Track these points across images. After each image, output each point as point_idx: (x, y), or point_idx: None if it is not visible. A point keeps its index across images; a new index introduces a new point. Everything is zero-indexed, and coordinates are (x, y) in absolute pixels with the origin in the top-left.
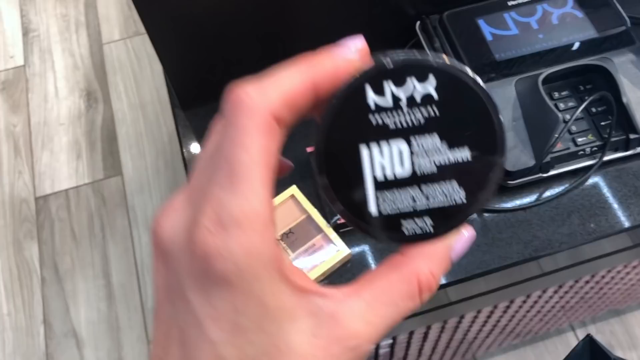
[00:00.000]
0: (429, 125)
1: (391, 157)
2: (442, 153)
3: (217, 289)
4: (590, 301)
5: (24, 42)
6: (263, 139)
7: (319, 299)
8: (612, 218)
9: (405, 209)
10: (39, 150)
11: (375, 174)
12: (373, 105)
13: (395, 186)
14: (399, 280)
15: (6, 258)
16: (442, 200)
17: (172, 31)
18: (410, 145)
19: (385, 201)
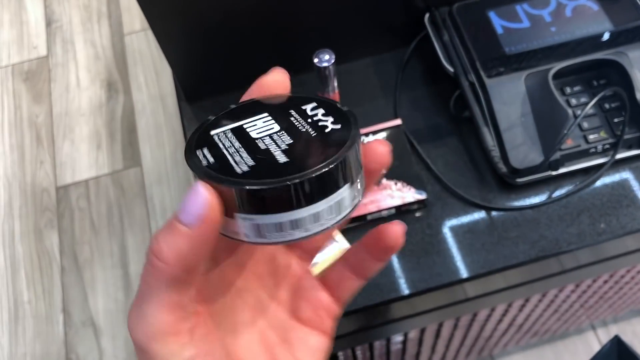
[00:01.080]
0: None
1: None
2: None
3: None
4: (610, 301)
5: (47, 32)
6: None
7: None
8: (623, 218)
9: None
10: (60, 140)
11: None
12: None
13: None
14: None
15: (27, 246)
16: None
17: (175, 24)
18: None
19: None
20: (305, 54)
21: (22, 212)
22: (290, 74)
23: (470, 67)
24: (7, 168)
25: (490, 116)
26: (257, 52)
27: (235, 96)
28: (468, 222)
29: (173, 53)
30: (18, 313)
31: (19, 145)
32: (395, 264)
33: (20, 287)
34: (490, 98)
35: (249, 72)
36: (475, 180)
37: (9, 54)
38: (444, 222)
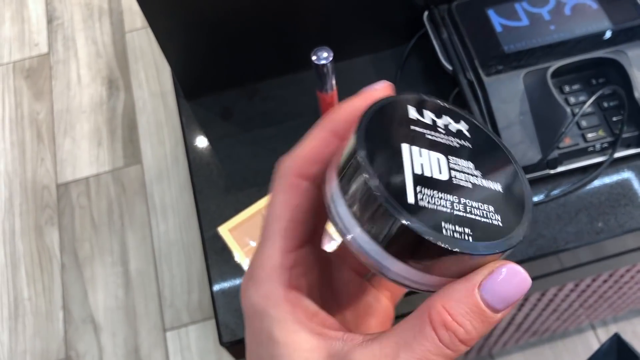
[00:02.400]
0: (463, 152)
1: (430, 160)
2: (477, 177)
3: (247, 322)
4: (610, 300)
5: (49, 29)
6: (284, 196)
7: (339, 343)
8: (621, 217)
9: (443, 209)
10: (61, 138)
11: (414, 168)
12: (414, 117)
13: (435, 186)
14: (412, 319)
15: (28, 243)
16: (479, 215)
17: (174, 22)
18: (448, 159)
19: (423, 194)
20: (304, 51)
21: (23, 209)
22: (289, 72)
23: (469, 65)
24: (7, 165)
25: (489, 114)
26: (256, 50)
27: (234, 93)
28: None
29: (172, 50)
30: (18, 310)
31: (19, 142)
32: None
33: (20, 284)
34: (488, 96)
35: (247, 70)
36: None
37: (10, 51)
38: None
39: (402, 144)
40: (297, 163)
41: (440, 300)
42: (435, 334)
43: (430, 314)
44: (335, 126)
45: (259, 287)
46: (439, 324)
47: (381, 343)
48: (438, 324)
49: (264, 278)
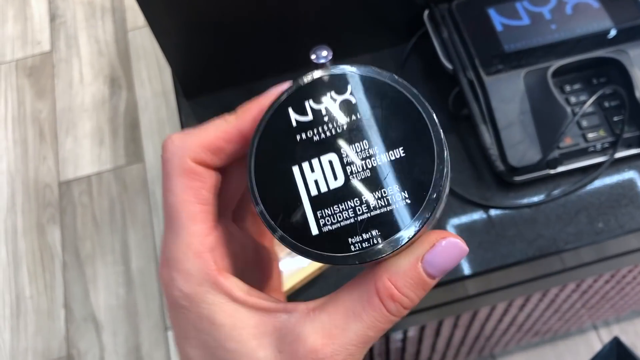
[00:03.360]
0: (354, 132)
1: (322, 170)
2: (374, 157)
3: (180, 313)
4: (612, 301)
5: (51, 28)
6: (184, 180)
7: (284, 315)
8: (621, 218)
9: (347, 222)
10: (63, 136)
11: (310, 192)
12: (295, 123)
13: (333, 200)
14: (358, 290)
15: (29, 242)
16: (384, 205)
17: (173, 20)
18: (340, 155)
19: (324, 217)
20: (302, 50)
21: (25, 207)
22: (288, 70)
23: (469, 65)
24: (10, 163)
25: (489, 114)
26: (255, 48)
27: (234, 92)
28: (465, 220)
29: (171, 49)
30: (20, 308)
31: (22, 141)
32: None
33: (22, 282)
34: (488, 96)
35: (246, 69)
36: (473, 178)
37: (13, 50)
38: (441, 220)
39: (292, 167)
40: (193, 148)
41: (386, 273)
42: (382, 305)
43: (377, 287)
44: (242, 124)
45: (188, 277)
46: (386, 297)
47: (329, 314)
48: (385, 296)
49: (190, 266)
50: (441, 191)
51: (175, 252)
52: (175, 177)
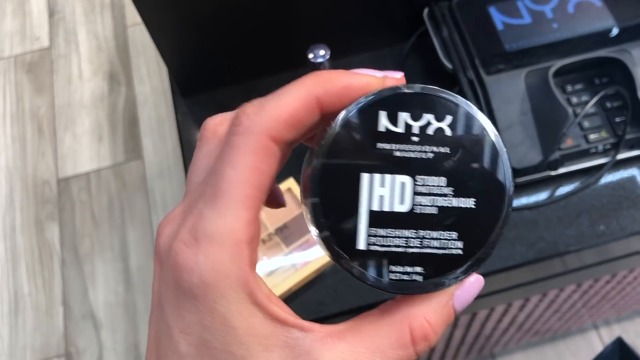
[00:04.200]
0: (437, 164)
1: (392, 189)
2: (445, 197)
3: (186, 302)
4: (613, 301)
5: (50, 23)
6: (254, 158)
7: (298, 332)
8: (623, 220)
9: (396, 249)
10: (62, 132)
11: (372, 205)
12: (383, 129)
13: (391, 223)
14: (388, 326)
15: (28, 239)
16: (437, 247)
17: (168, 18)
18: (415, 181)
19: (376, 236)
20: (300, 48)
21: (23, 204)
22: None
23: (470, 64)
24: (8, 160)
25: (489, 114)
26: (252, 46)
27: (231, 91)
28: None
29: (166, 47)
30: (18, 305)
31: (20, 137)
32: None
33: (20, 279)
34: (489, 96)
35: (243, 67)
36: None
37: (12, 45)
38: None
39: (361, 174)
40: (273, 124)
41: (421, 312)
42: (412, 345)
43: (412, 327)
44: (324, 95)
45: (218, 265)
46: (420, 337)
47: (350, 345)
48: (419, 336)
49: (224, 256)
50: (492, 252)
51: (212, 232)
52: (245, 152)
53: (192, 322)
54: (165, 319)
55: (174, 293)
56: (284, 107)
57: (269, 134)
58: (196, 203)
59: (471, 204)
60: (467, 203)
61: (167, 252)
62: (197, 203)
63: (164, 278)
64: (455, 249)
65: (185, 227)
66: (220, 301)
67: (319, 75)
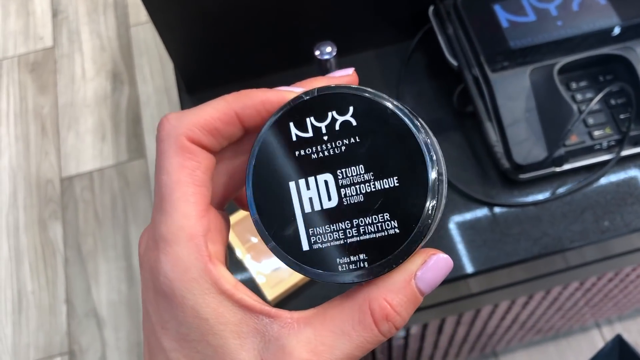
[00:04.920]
0: (352, 154)
1: (318, 189)
2: (368, 182)
3: (162, 300)
4: (615, 299)
5: (53, 23)
6: (179, 158)
7: (267, 320)
8: (627, 216)
9: (337, 242)
10: (65, 132)
11: (304, 208)
12: (295, 138)
13: (325, 220)
14: (350, 309)
15: (31, 237)
16: (374, 232)
17: (175, 15)
18: (336, 176)
19: (315, 235)
20: (307, 45)
21: (27, 202)
22: (291, 66)
23: (475, 61)
24: (12, 159)
25: (494, 111)
26: (258, 44)
27: (237, 88)
28: (470, 218)
29: (173, 44)
30: (22, 303)
31: (24, 136)
32: None
33: (24, 277)
34: (494, 93)
35: (249, 64)
36: (478, 175)
37: (15, 45)
38: (445, 218)
39: (289, 183)
40: (189, 127)
41: (380, 292)
42: (375, 326)
43: (372, 307)
44: (242, 109)
45: (177, 261)
46: (381, 317)
47: (316, 329)
48: (380, 316)
49: (181, 250)
50: (430, 225)
51: (165, 233)
52: (169, 156)
53: (169, 319)
54: (150, 319)
55: (152, 295)
56: (202, 114)
57: (186, 136)
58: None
59: (394, 183)
60: (390, 182)
61: (142, 260)
62: (154, 214)
63: (143, 283)
64: (392, 228)
65: (148, 235)
66: (187, 295)
67: (240, 92)
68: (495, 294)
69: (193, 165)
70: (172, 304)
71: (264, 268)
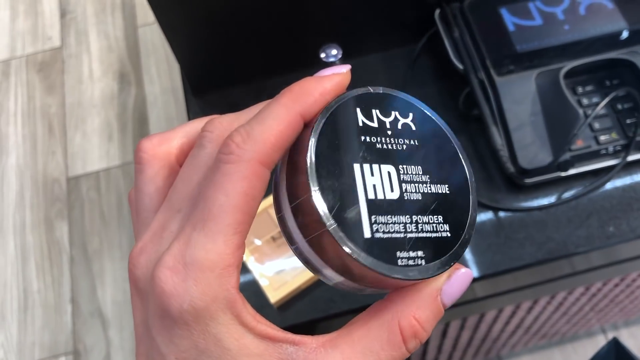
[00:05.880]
0: (411, 154)
1: (381, 178)
2: (425, 184)
3: (177, 328)
4: (622, 304)
5: (62, 23)
6: (245, 185)
7: (291, 347)
8: (633, 222)
9: (397, 235)
10: (72, 131)
11: (368, 194)
12: (362, 124)
13: (388, 210)
14: (378, 327)
15: (37, 236)
16: (430, 231)
17: (182, 17)
18: (398, 170)
19: (378, 224)
20: (312, 48)
21: (33, 202)
22: (297, 69)
23: (481, 65)
24: (19, 158)
25: (500, 115)
26: (264, 46)
27: (242, 90)
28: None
29: (180, 46)
30: (27, 302)
31: (31, 136)
32: None
33: (30, 276)
34: (499, 96)
35: (255, 67)
36: (483, 179)
37: (24, 45)
38: None
39: (354, 164)
40: (262, 149)
41: (410, 309)
42: (404, 344)
43: (401, 325)
44: (305, 109)
45: (207, 289)
46: (410, 335)
47: (343, 352)
48: (409, 334)
49: (214, 279)
50: (472, 234)
51: (202, 258)
52: (237, 180)
53: (186, 347)
54: (158, 348)
55: (161, 322)
56: (270, 132)
57: (259, 160)
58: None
59: (446, 190)
60: (443, 189)
61: (149, 282)
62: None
63: (148, 308)
64: (444, 231)
65: (170, 254)
66: (211, 324)
67: (293, 90)
68: (499, 299)
69: (255, 195)
70: (192, 332)
71: (267, 270)
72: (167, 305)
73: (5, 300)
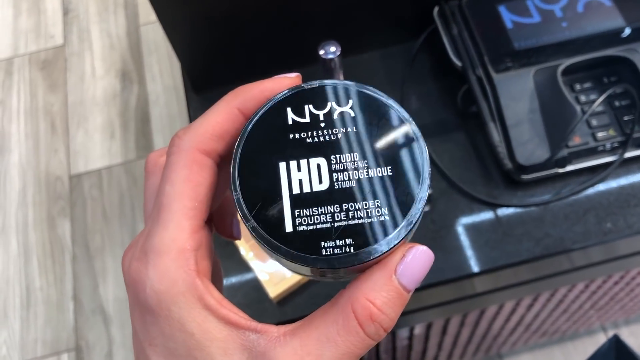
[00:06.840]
0: (347, 142)
1: (309, 172)
2: (362, 170)
3: (147, 315)
4: (622, 302)
5: (64, 21)
6: (187, 172)
7: (253, 335)
8: (630, 218)
9: (323, 225)
10: (75, 129)
11: (292, 190)
12: (291, 122)
13: (314, 203)
14: (334, 313)
15: (40, 234)
16: (362, 217)
17: (182, 14)
18: (330, 161)
19: (301, 217)
20: (311, 45)
21: (36, 199)
22: (296, 65)
23: (479, 62)
24: (21, 156)
25: (498, 112)
26: (264, 43)
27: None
28: (472, 218)
29: (180, 43)
30: (30, 299)
31: (34, 134)
32: None
33: (32, 273)
34: (497, 93)
35: (255, 63)
36: (481, 176)
37: (26, 43)
38: (448, 218)
39: (279, 163)
40: (199, 138)
41: (362, 291)
42: (360, 328)
43: (354, 307)
44: (242, 104)
45: (165, 274)
46: (365, 318)
47: (301, 339)
48: (364, 317)
49: (170, 263)
50: (418, 216)
51: (157, 244)
52: (178, 168)
53: (155, 334)
54: (137, 335)
55: (137, 309)
56: (208, 122)
57: (198, 148)
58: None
59: (388, 172)
60: (384, 171)
61: (126, 273)
62: (146, 224)
63: (129, 298)
64: (381, 215)
65: (137, 246)
66: (173, 308)
67: (237, 88)
68: (499, 294)
69: (198, 181)
70: (158, 318)
71: (267, 266)
72: (135, 292)
73: (8, 298)
